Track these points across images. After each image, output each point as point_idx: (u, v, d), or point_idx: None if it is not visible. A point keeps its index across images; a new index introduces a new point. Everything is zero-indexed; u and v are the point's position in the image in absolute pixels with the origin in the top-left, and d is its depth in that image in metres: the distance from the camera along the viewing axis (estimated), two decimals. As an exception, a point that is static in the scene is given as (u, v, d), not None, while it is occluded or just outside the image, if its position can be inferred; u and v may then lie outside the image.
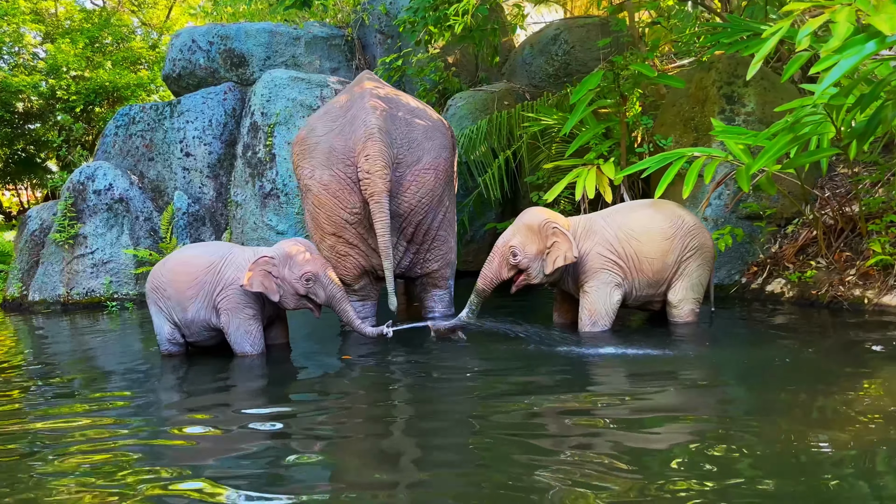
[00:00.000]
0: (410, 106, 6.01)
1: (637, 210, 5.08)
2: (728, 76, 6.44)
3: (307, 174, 5.70)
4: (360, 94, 5.79)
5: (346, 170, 5.51)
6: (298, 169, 5.83)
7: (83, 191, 9.68)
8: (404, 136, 5.66)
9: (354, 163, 5.47)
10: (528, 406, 3.60)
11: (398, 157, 5.55)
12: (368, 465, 3.05)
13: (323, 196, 5.61)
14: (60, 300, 9.49)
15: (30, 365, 5.86)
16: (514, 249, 4.95)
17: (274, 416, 3.92)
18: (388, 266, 5.38)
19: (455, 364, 4.71)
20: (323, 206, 5.63)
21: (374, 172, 5.34)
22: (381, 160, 5.35)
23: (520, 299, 6.35)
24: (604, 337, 4.93)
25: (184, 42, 10.62)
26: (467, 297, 5.22)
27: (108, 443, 3.56)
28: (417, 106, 6.09)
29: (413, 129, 5.75)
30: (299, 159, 5.82)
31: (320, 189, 5.61)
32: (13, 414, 4.25)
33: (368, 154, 5.37)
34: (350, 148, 5.50)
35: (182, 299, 5.31)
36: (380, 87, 6.05)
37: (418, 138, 5.74)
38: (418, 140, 5.73)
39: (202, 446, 3.45)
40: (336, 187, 5.55)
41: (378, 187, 5.33)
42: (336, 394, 4.32)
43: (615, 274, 4.92)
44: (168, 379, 5.11)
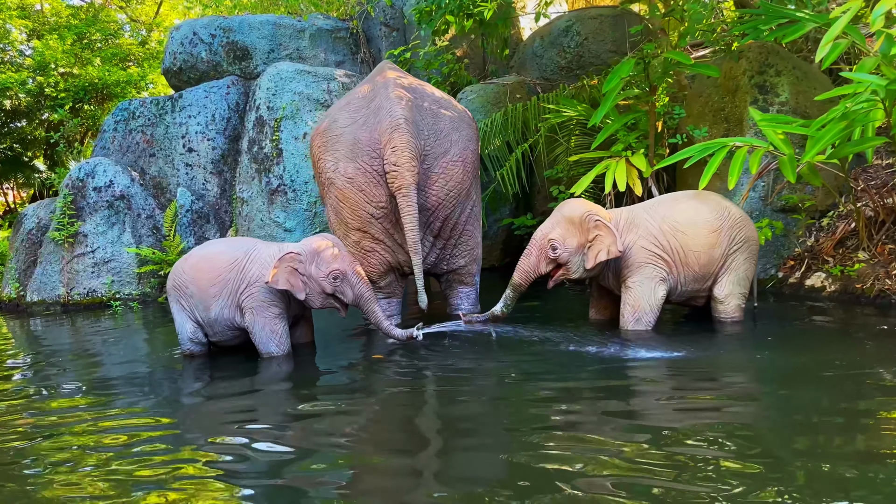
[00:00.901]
0: (435, 96, 5.80)
1: (681, 201, 4.89)
2: (759, 65, 6.27)
3: (330, 167, 5.46)
4: (383, 84, 5.58)
5: (372, 162, 5.29)
6: (320, 162, 5.59)
7: (83, 188, 9.38)
8: (431, 127, 5.45)
9: (380, 155, 5.25)
10: (566, 412, 3.42)
11: (425, 148, 5.34)
12: (397, 474, 2.90)
13: (347, 190, 5.38)
14: (60, 300, 9.19)
15: (42, 368, 5.60)
16: (553, 243, 4.76)
17: (301, 417, 3.76)
18: (417, 262, 5.17)
19: (487, 365, 4.50)
20: (347, 201, 5.41)
21: (402, 164, 5.13)
22: (408, 151, 5.14)
23: (535, 298, 6.19)
24: (644, 336, 4.74)
25: (184, 35, 10.32)
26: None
27: (130, 450, 3.34)
28: (442, 96, 5.89)
29: (439, 120, 5.54)
30: (321, 152, 5.58)
31: (345, 183, 5.38)
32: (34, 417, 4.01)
33: (395, 145, 5.16)
34: (375, 139, 5.28)
35: (205, 297, 5.08)
36: (402, 76, 5.85)
37: (445, 129, 5.53)
38: (445, 131, 5.53)
39: (227, 451, 3.31)
40: (361, 180, 5.32)
41: (406, 180, 5.12)
42: (367, 396, 4.11)
43: (660, 268, 4.73)
44: (190, 381, 4.88)
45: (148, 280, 9.22)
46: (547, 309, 6.15)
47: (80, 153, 19.18)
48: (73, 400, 4.45)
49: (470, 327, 5.10)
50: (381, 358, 4.92)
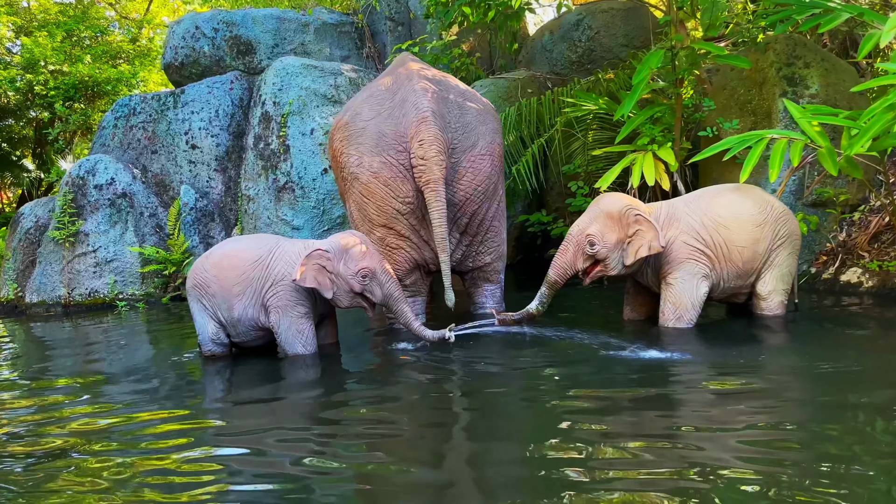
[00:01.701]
0: (460, 88, 5.64)
1: (722, 195, 4.75)
2: (787, 57, 6.16)
3: (354, 162, 5.27)
4: (406, 76, 5.40)
5: (399, 156, 5.12)
6: (343, 157, 5.39)
7: (83, 185, 9.14)
8: (458, 120, 5.29)
9: (407, 148, 5.08)
10: (602, 419, 3.25)
11: (452, 142, 5.18)
12: (425, 484, 2.75)
13: (373, 185, 5.20)
14: (61, 301, 8.94)
15: (57, 371, 5.39)
16: (591, 238, 4.60)
17: (327, 422, 3.63)
18: (444, 259, 5.00)
19: (521, 369, 4.31)
20: (373, 196, 5.22)
21: (430, 158, 4.96)
22: (436, 145, 4.98)
23: (567, 296, 6.04)
24: (684, 335, 4.60)
25: (186, 29, 10.09)
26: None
27: (153, 456, 3.16)
28: (466, 89, 5.73)
29: (466, 113, 5.38)
30: (343, 146, 5.39)
31: (370, 177, 5.20)
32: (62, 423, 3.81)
33: (423, 139, 4.99)
34: (401, 133, 5.11)
35: (228, 296, 4.89)
36: (425, 68, 5.68)
37: (472, 122, 5.37)
38: (472, 124, 5.36)
39: (254, 456, 3.18)
40: (388, 175, 5.15)
41: (434, 174, 4.95)
42: (396, 400, 3.92)
43: (702, 264, 4.59)
44: (213, 384, 4.70)
45: (151, 280, 8.98)
46: (581, 308, 6.00)
47: (70, 152, 18.86)
48: (93, 405, 4.25)
49: (503, 327, 4.92)
50: (407, 359, 4.73)
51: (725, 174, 6.42)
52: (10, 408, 4.34)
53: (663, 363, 4.10)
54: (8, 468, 3.21)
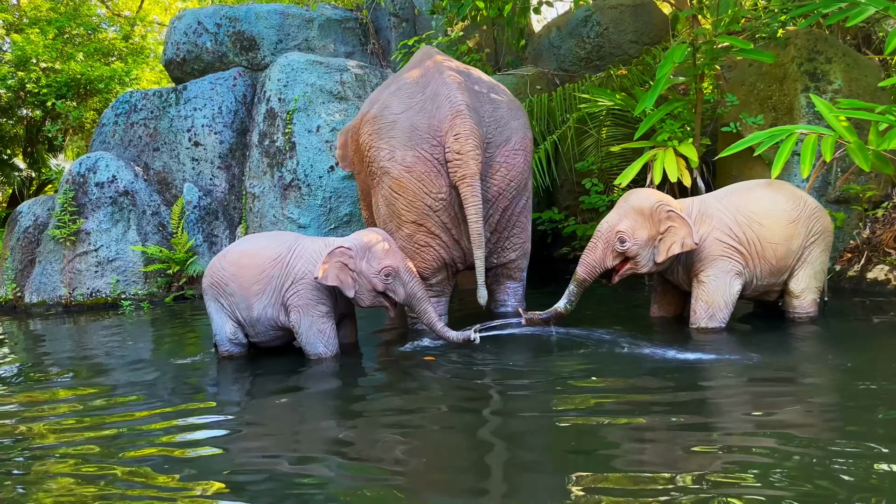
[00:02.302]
0: (489, 82, 5.54)
1: (755, 191, 4.66)
2: (808, 52, 6.09)
3: (385, 155, 5.14)
4: (435, 69, 5.29)
5: (433, 150, 4.99)
6: (372, 150, 5.26)
7: (84, 183, 8.96)
8: (491, 115, 5.18)
9: (442, 143, 4.96)
10: (633, 425, 3.15)
11: (487, 136, 5.07)
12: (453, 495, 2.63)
13: (405, 179, 5.07)
14: (62, 301, 8.76)
15: (72, 374, 5.23)
16: (622, 235, 4.49)
17: (350, 427, 3.46)
18: (480, 256, 4.89)
19: (548, 371, 4.17)
20: (404, 191, 5.09)
21: (467, 153, 4.84)
22: (472, 139, 4.86)
23: (593, 295, 5.92)
24: (716, 335, 4.50)
25: (188, 24, 9.92)
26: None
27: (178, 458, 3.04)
28: (494, 83, 5.61)
29: (498, 107, 5.27)
30: (372, 139, 5.25)
31: (402, 172, 5.07)
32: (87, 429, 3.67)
33: (458, 133, 4.87)
34: (435, 127, 4.99)
35: (247, 295, 4.75)
36: (451, 61, 5.57)
37: (505, 117, 5.26)
38: (505, 119, 5.25)
39: (273, 457, 3.10)
40: (421, 169, 5.02)
41: (471, 169, 4.83)
42: (419, 403, 3.77)
43: (736, 262, 4.50)
44: (229, 386, 4.55)
45: (154, 279, 8.82)
46: (606, 307, 5.89)
47: (62, 150, 18.62)
48: (108, 403, 4.11)
49: (529, 327, 4.80)
50: (432, 359, 4.60)
51: (745, 170, 6.35)
52: (24, 412, 4.20)
53: (694, 364, 4.00)
54: (22, 474, 3.08)
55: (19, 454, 3.34)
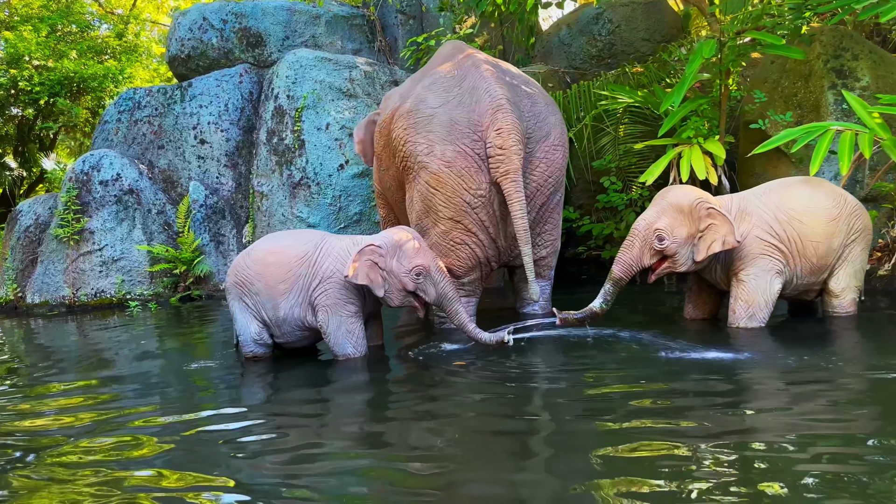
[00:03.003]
0: (521, 76, 5.45)
1: (794, 188, 4.57)
2: (834, 49, 6.02)
3: (423, 150, 5.01)
4: (471, 63, 5.19)
5: (474, 145, 4.88)
6: (408, 145, 5.13)
7: (87, 181, 8.79)
8: (529, 109, 5.08)
9: (482, 138, 4.85)
10: (669, 422, 3.06)
11: (527, 131, 4.96)
12: (487, 498, 2.53)
13: (444, 174, 4.94)
14: (65, 302, 8.58)
15: (91, 376, 5.08)
16: (660, 233, 4.39)
17: (378, 434, 3.34)
18: (528, 252, 4.79)
19: (582, 371, 4.05)
20: (442, 187, 4.96)
21: (509, 148, 4.74)
22: (515, 134, 4.77)
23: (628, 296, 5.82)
24: (756, 336, 4.41)
25: (193, 20, 9.76)
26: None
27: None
28: (527, 77, 5.52)
29: (535, 102, 5.17)
30: (408, 134, 5.12)
31: (441, 166, 4.94)
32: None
33: (500, 128, 4.77)
34: (475, 121, 4.88)
35: (273, 294, 4.62)
36: (482, 54, 5.47)
37: (543, 112, 5.17)
38: (543, 114, 5.16)
39: (301, 460, 3.01)
40: (461, 165, 4.90)
41: (514, 164, 4.73)
42: (451, 411, 3.61)
43: (776, 260, 4.41)
44: (255, 389, 4.42)
45: (160, 279, 8.65)
46: (640, 307, 5.79)
47: (54, 150, 18.36)
48: (132, 409, 3.96)
49: (562, 329, 4.68)
50: (462, 364, 4.44)
51: (769, 168, 6.28)
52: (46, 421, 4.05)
53: (732, 365, 3.90)
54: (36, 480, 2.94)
55: (31, 457, 3.20)
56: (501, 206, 5.04)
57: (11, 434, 3.65)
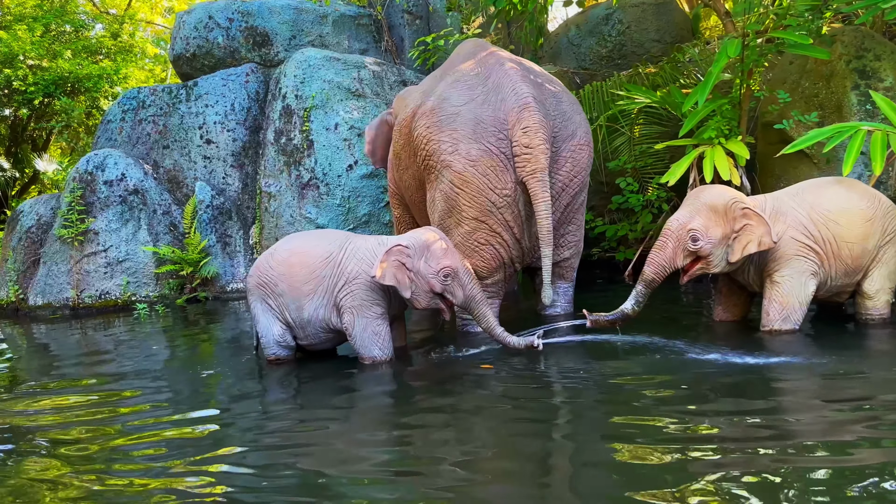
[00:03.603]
0: (545, 74, 5.38)
1: (828, 189, 4.52)
2: (856, 50, 5.98)
3: (447, 149, 4.92)
4: (495, 60, 5.11)
5: (500, 144, 4.80)
6: (431, 143, 5.03)
7: (92, 181, 8.65)
8: (555, 108, 5.00)
9: (509, 136, 4.77)
10: (700, 428, 3.00)
11: (554, 129, 4.89)
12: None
13: (469, 174, 4.85)
14: (69, 304, 8.43)
15: (109, 381, 4.97)
16: (694, 233, 4.32)
17: (405, 442, 3.25)
18: (548, 254, 4.71)
19: (614, 376, 3.97)
20: (467, 186, 4.87)
21: (536, 147, 4.66)
22: (541, 133, 4.69)
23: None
24: (790, 338, 4.34)
25: (199, 19, 9.63)
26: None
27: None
28: (549, 74, 5.44)
29: (561, 100, 5.10)
30: (431, 132, 5.03)
31: (466, 165, 4.85)
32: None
33: (527, 126, 4.69)
34: (501, 119, 4.80)
35: (298, 296, 4.52)
36: (504, 52, 5.40)
37: (568, 111, 5.09)
38: (569, 112, 5.09)
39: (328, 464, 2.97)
40: (487, 164, 4.81)
41: (540, 164, 4.66)
42: (477, 417, 3.54)
43: (811, 261, 4.35)
44: (278, 392, 4.33)
45: (166, 281, 8.52)
46: (667, 309, 5.71)
47: (46, 150, 18.14)
48: (152, 419, 3.86)
49: (590, 333, 4.60)
50: (489, 368, 4.35)
51: (789, 169, 6.24)
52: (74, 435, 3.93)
53: (764, 368, 3.84)
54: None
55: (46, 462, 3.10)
56: (526, 205, 4.97)
57: (56, 452, 3.55)
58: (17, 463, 3.23)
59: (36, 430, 3.71)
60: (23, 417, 4.00)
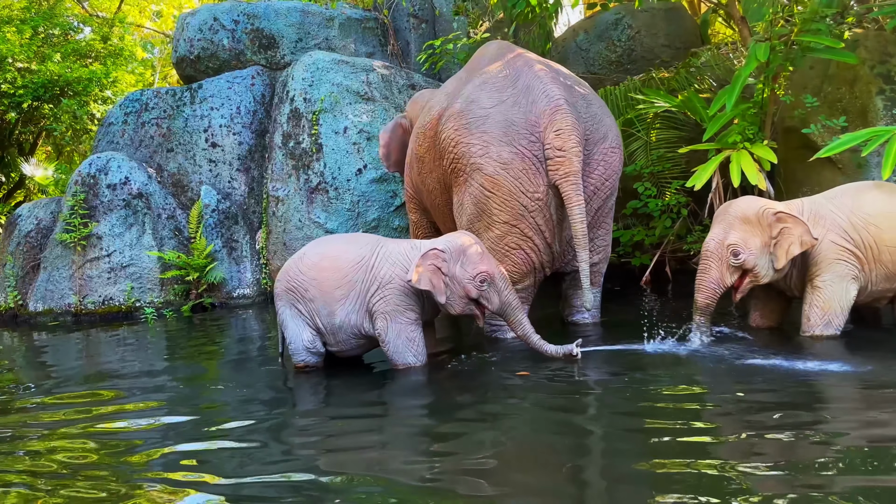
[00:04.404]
0: (574, 77, 5.31)
1: (866, 192, 4.47)
2: (880, 54, 5.96)
3: (478, 151, 4.83)
4: (523, 62, 5.04)
5: (532, 146, 4.72)
6: (460, 146, 4.94)
7: (95, 185, 8.46)
8: (586, 111, 4.93)
9: (541, 139, 4.69)
10: (740, 437, 2.94)
11: (585, 132, 4.81)
12: None
13: (500, 177, 4.76)
14: (71, 310, 8.23)
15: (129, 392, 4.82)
16: (734, 248, 4.26)
17: (441, 455, 3.13)
18: (584, 258, 4.63)
19: (656, 384, 3.85)
20: (498, 189, 4.79)
21: (570, 149, 4.59)
22: (574, 135, 4.62)
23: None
24: (832, 344, 4.28)
25: (203, 21, 9.48)
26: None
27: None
28: (575, 76, 5.38)
29: (591, 104, 5.03)
30: (460, 135, 4.94)
31: (498, 169, 4.76)
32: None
33: (560, 129, 4.61)
34: (533, 122, 4.72)
35: (329, 301, 4.40)
36: (530, 54, 5.32)
37: (598, 113, 5.03)
38: (599, 115, 5.02)
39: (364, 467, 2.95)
40: (519, 166, 4.73)
41: (574, 167, 4.58)
42: (515, 424, 3.46)
43: (852, 265, 4.29)
44: (308, 398, 4.24)
45: (171, 287, 8.34)
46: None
47: (32, 154, 17.85)
48: (177, 432, 3.73)
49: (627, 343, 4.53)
50: (526, 374, 4.23)
51: (812, 175, 6.20)
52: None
53: (807, 375, 3.77)
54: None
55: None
56: (558, 209, 4.89)
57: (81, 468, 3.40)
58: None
59: (47, 452, 3.56)
60: (37, 440, 3.85)
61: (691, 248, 7.02)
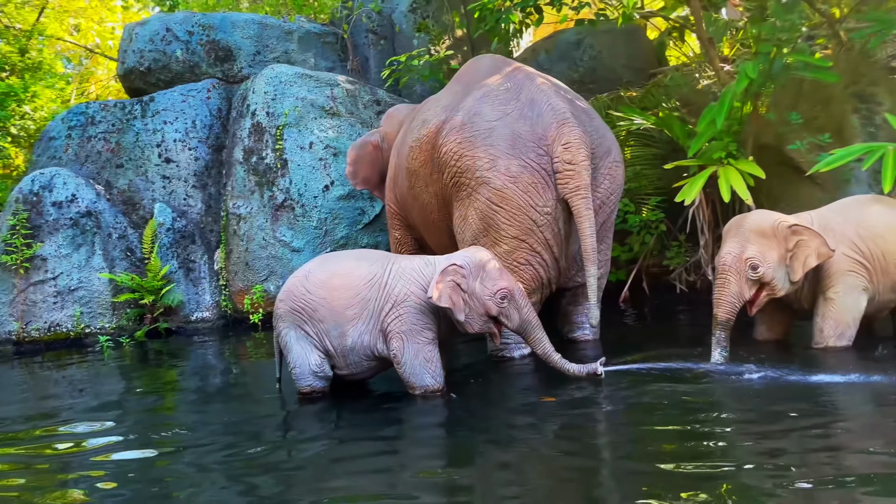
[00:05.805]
0: (573, 91, 5.27)
1: (869, 205, 4.59)
2: (852, 74, 6.20)
3: (485, 164, 4.69)
4: (524, 75, 4.98)
5: (540, 160, 4.63)
6: (464, 159, 4.79)
7: (38, 203, 7.88)
8: (590, 124, 4.89)
9: (549, 152, 4.60)
10: (765, 448, 2.98)
11: (591, 146, 4.76)
12: None
13: (509, 190, 4.64)
14: (13, 338, 7.59)
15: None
16: (752, 261, 4.26)
17: (459, 489, 2.97)
18: (593, 272, 4.54)
19: (679, 403, 3.82)
20: (507, 203, 4.66)
21: (580, 163, 4.53)
22: (584, 149, 4.57)
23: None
24: (844, 355, 4.33)
25: (155, 31, 9.02)
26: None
27: None
28: (575, 93, 5.34)
29: (593, 117, 5.01)
30: (465, 148, 4.79)
31: (507, 182, 4.64)
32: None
33: (568, 142, 4.55)
34: (540, 135, 4.64)
35: (340, 321, 4.16)
36: (528, 67, 5.26)
37: (600, 127, 5.01)
38: (601, 129, 5.00)
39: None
40: (528, 180, 4.62)
41: (584, 180, 4.52)
42: (543, 455, 3.34)
43: (862, 277, 4.37)
44: (314, 426, 3.98)
45: (124, 311, 7.82)
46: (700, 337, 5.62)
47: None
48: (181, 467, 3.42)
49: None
50: (552, 400, 4.06)
51: (788, 191, 6.36)
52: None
53: (824, 387, 3.82)
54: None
55: None
56: (565, 224, 4.81)
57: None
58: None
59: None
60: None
61: (670, 264, 7.07)
